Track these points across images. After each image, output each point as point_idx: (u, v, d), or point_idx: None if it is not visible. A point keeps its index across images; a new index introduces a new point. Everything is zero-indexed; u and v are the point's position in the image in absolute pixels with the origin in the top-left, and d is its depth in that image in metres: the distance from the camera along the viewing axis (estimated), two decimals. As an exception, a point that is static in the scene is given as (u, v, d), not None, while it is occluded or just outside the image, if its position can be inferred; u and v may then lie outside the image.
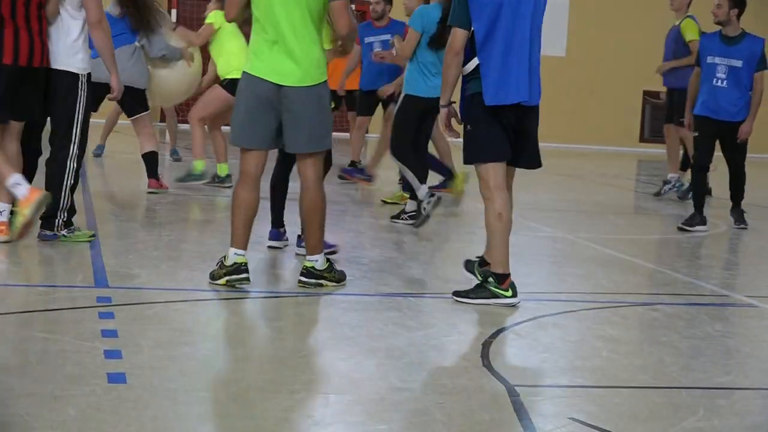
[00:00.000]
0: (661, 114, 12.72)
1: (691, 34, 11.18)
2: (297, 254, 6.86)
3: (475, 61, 5.79)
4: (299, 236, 6.74)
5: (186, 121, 10.97)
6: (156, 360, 4.33)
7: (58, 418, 3.57)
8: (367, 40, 11.14)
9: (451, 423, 3.86)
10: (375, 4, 11.31)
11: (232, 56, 9.79)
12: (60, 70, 6.67)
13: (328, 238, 6.27)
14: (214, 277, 5.78)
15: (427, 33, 8.43)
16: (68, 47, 6.68)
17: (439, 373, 4.48)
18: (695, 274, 7.27)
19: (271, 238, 7.08)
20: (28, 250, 6.59)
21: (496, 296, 5.75)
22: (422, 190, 8.38)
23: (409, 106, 8.55)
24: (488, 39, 5.71)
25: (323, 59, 5.81)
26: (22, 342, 4.53)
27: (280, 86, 5.68)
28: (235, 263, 5.70)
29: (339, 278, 5.98)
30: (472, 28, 5.72)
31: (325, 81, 5.82)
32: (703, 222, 9.33)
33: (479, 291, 5.80)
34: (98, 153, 12.65)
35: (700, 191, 9.51)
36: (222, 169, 10.28)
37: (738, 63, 9.21)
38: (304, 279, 5.84)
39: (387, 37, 10.86)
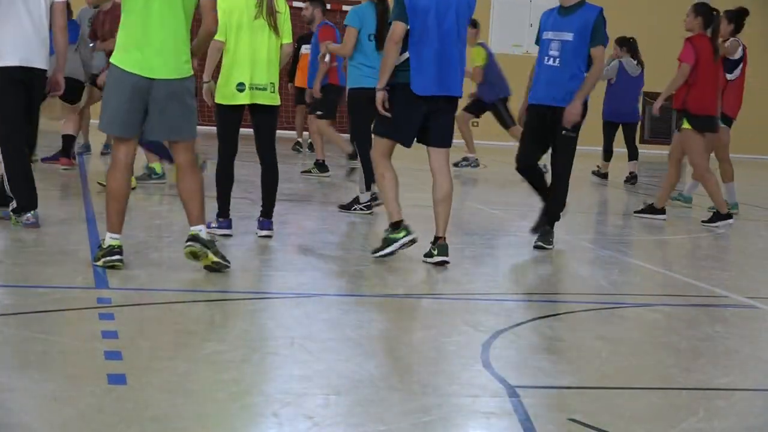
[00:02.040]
0: (661, 116, 12.71)
1: None
2: (258, 236, 7.42)
3: (406, 54, 6.71)
4: (259, 219, 7.55)
5: None
6: (156, 361, 4.33)
7: (58, 418, 3.57)
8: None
9: (450, 424, 3.87)
10: (305, 9, 12.44)
11: None
12: None
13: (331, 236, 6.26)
14: (95, 260, 6.15)
15: (366, 29, 8.95)
16: None
17: (439, 374, 4.48)
18: (695, 275, 7.28)
19: (263, 228, 7.54)
20: (28, 250, 6.60)
21: (396, 240, 6.86)
22: (364, 196, 9.16)
23: (357, 99, 9.01)
24: (420, 37, 6.65)
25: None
26: (22, 343, 4.53)
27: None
28: (110, 245, 6.10)
29: (219, 254, 6.17)
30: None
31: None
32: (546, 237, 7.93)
33: (385, 242, 6.90)
34: (81, 152, 12.67)
35: (544, 201, 8.10)
36: (158, 166, 10.62)
37: (569, 36, 7.69)
38: (190, 243, 6.10)
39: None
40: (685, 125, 9.86)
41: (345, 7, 20.87)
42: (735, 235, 9.62)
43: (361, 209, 9.19)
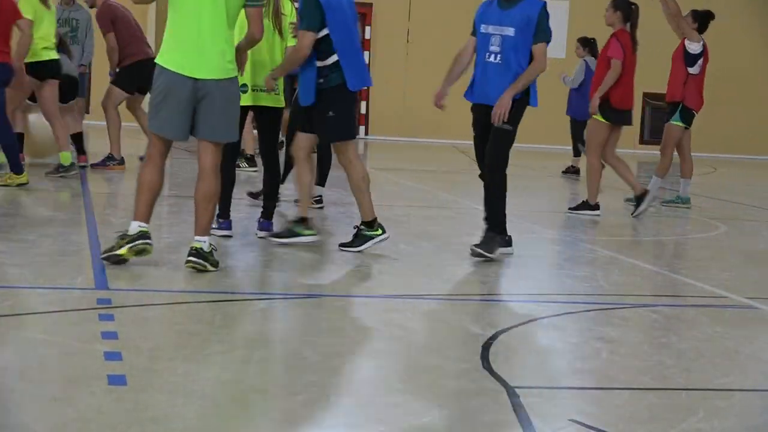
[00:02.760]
0: (661, 116, 12.75)
1: None
2: (259, 236, 7.45)
3: (334, 57, 7.02)
4: (259, 220, 7.62)
5: None
6: (156, 362, 4.33)
7: (58, 420, 3.57)
8: None
9: (451, 425, 3.87)
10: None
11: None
12: None
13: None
14: (112, 249, 6.15)
15: None
16: None
17: (439, 375, 4.48)
18: (695, 276, 7.27)
19: (262, 229, 7.60)
20: (28, 251, 6.60)
21: (372, 237, 7.15)
22: (315, 190, 9.32)
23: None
24: (344, 38, 7.01)
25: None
26: (22, 344, 4.53)
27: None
28: (139, 231, 6.16)
29: (215, 263, 6.24)
30: (327, 31, 6.96)
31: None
32: (507, 243, 7.39)
33: (360, 239, 7.13)
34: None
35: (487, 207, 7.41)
36: (65, 158, 10.66)
37: (510, 31, 7.15)
38: (192, 259, 6.14)
39: None
40: (597, 116, 10.14)
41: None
42: (735, 236, 9.62)
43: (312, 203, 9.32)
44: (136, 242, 6.12)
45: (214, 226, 7.36)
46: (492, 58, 7.18)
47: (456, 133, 21.39)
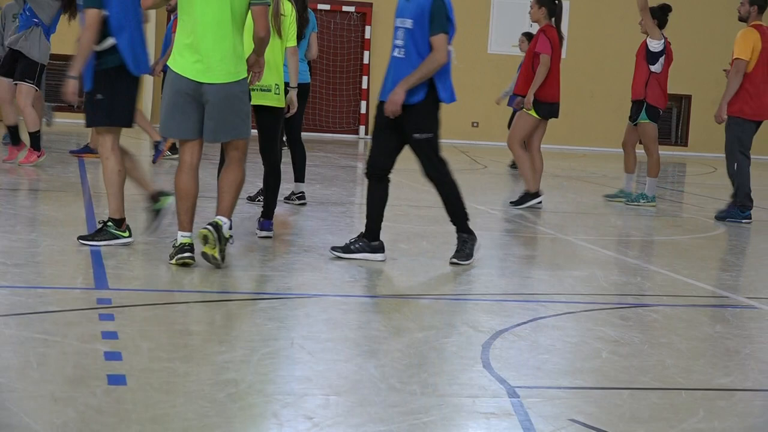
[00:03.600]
0: (661, 116, 12.78)
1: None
2: (258, 237, 7.50)
3: (111, 40, 6.69)
4: (259, 219, 7.71)
5: None
6: (156, 361, 4.33)
7: (58, 419, 3.57)
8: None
9: (450, 424, 3.87)
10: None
11: None
12: None
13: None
14: (170, 257, 6.38)
15: None
16: None
17: (439, 375, 4.48)
18: (695, 276, 7.27)
19: (263, 228, 7.67)
20: (28, 251, 6.60)
21: (117, 237, 6.86)
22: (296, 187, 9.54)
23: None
24: (121, 22, 6.65)
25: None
26: (22, 343, 4.53)
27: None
28: (182, 243, 6.29)
29: (222, 251, 6.30)
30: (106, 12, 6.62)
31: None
32: (375, 250, 6.98)
33: (102, 234, 6.84)
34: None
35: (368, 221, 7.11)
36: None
37: (409, 23, 6.85)
38: (209, 227, 6.23)
39: None
40: (531, 112, 10.33)
41: (345, 8, 20.89)
42: (735, 235, 9.62)
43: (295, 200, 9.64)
44: (178, 255, 6.28)
45: None
46: (396, 52, 6.90)
47: (456, 133, 21.41)
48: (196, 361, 4.43)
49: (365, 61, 20.89)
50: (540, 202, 10.37)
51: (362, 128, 21.00)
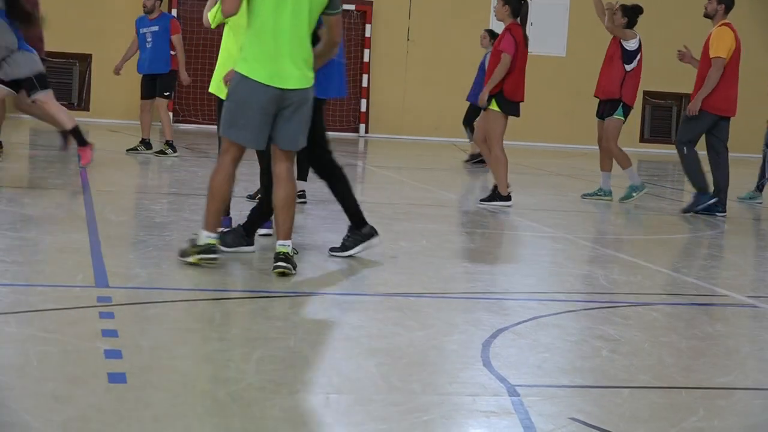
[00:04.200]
0: (661, 114, 12.80)
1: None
2: (259, 235, 7.26)
3: None
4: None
5: (186, 121, 11.30)
6: (156, 360, 4.33)
7: (58, 418, 3.57)
8: (142, 30, 13.22)
9: (451, 423, 3.87)
10: (146, 0, 13.27)
11: None
12: None
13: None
14: (184, 254, 6.22)
15: None
16: None
17: (439, 373, 4.48)
18: (695, 274, 7.27)
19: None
20: (28, 249, 6.60)
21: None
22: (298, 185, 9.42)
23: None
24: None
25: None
26: (22, 342, 4.53)
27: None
28: (207, 243, 6.16)
29: (295, 266, 6.21)
30: None
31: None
32: (369, 236, 6.98)
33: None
34: None
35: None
36: None
37: None
38: (281, 264, 6.08)
39: (156, 28, 13.07)
40: (494, 107, 10.33)
41: (345, 6, 20.91)
42: (735, 234, 9.62)
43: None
44: (204, 255, 6.15)
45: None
46: None
47: (456, 132, 21.41)
48: (196, 360, 4.43)
49: (365, 59, 20.88)
50: (510, 206, 10.23)
51: (362, 126, 20.99)
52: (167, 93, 13.43)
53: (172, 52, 13.17)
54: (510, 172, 10.38)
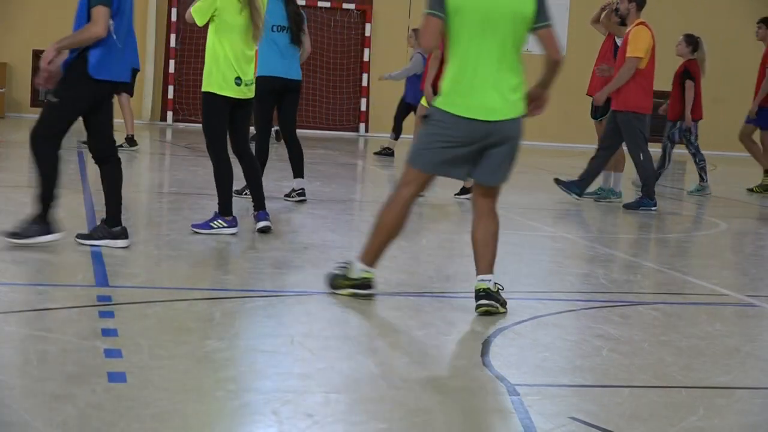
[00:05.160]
0: (660, 114, 12.81)
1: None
2: (258, 229, 7.47)
3: None
4: (254, 213, 7.69)
5: (186, 120, 11.32)
6: (156, 359, 4.33)
7: (58, 417, 3.57)
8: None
9: (451, 422, 3.87)
10: None
11: None
12: None
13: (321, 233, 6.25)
14: (335, 286, 5.68)
15: (270, 20, 9.02)
16: None
17: (440, 373, 4.48)
18: (695, 274, 7.27)
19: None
20: (28, 248, 6.59)
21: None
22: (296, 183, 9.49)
23: (264, 86, 9.05)
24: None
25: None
26: (22, 341, 4.53)
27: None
28: (362, 277, 5.63)
29: (504, 303, 5.59)
30: None
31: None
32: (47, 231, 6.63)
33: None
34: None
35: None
36: None
37: None
38: (484, 302, 5.51)
39: None
40: (422, 102, 10.65)
41: (345, 5, 20.90)
42: (735, 233, 9.62)
43: (295, 197, 9.60)
44: (359, 291, 5.65)
45: (223, 225, 7.36)
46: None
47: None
48: (196, 359, 4.43)
49: (365, 58, 20.88)
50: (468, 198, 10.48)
51: (362, 125, 20.99)
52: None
53: None
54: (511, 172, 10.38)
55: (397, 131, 15.76)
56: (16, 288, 5.58)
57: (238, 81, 7.48)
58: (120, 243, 6.71)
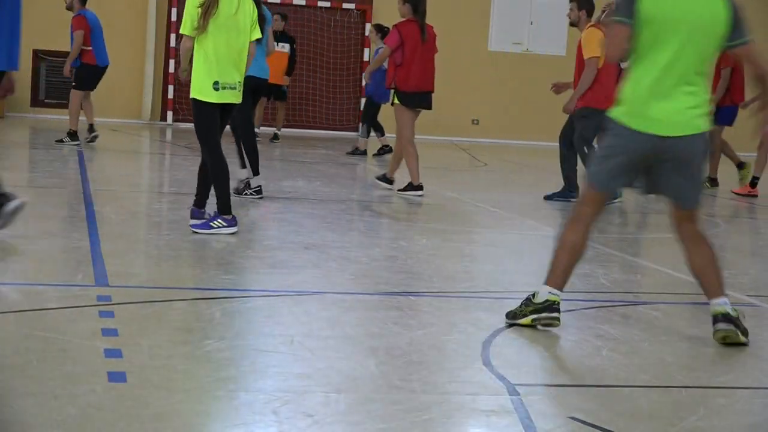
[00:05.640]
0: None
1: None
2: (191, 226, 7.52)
3: None
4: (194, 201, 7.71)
5: (187, 120, 11.40)
6: (156, 359, 4.33)
7: (58, 416, 3.57)
8: None
9: (451, 422, 3.87)
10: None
11: None
12: None
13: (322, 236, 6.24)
14: (515, 316, 5.34)
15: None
16: None
17: (439, 372, 4.48)
18: (695, 274, 7.26)
19: (193, 217, 7.62)
20: (28, 248, 6.59)
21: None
22: (244, 173, 9.56)
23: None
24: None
25: None
26: (22, 341, 4.53)
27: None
28: (547, 300, 5.30)
29: (745, 332, 5.24)
30: None
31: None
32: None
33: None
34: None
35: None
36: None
37: None
38: (722, 326, 5.19)
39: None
40: (396, 101, 10.83)
41: (345, 5, 20.90)
42: (735, 233, 9.62)
43: (251, 194, 9.56)
44: (542, 315, 5.27)
45: (223, 225, 7.36)
46: None
47: (456, 130, 21.39)
48: (196, 359, 4.43)
49: (365, 58, 20.87)
50: (420, 195, 10.72)
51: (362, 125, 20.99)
52: (74, 84, 14.03)
53: (87, 47, 13.78)
54: (511, 171, 10.38)
55: (377, 129, 15.91)
56: (17, 288, 5.58)
57: (216, 86, 7.45)
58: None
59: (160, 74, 19.92)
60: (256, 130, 17.27)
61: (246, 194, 9.47)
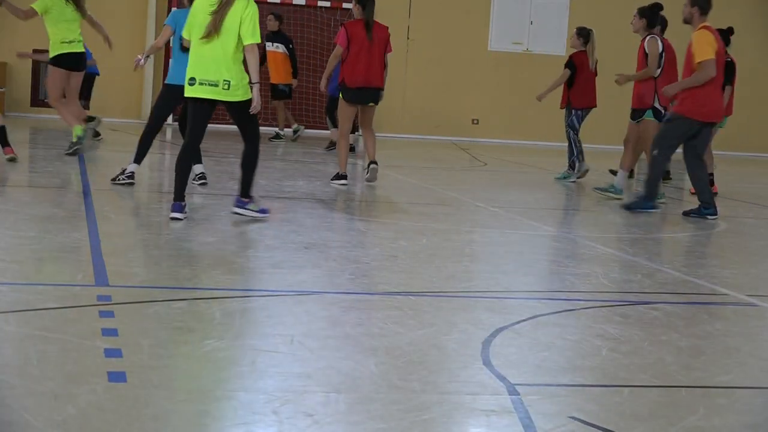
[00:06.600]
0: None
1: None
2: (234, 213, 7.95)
3: None
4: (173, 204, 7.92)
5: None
6: (156, 359, 4.33)
7: (58, 416, 3.57)
8: None
9: (451, 422, 3.86)
10: None
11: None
12: None
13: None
14: None
15: (179, 31, 9.31)
16: None
17: (439, 372, 4.48)
18: (695, 273, 7.27)
19: (174, 211, 7.92)
20: (28, 248, 6.59)
21: None
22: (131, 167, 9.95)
23: (167, 93, 9.86)
24: None
25: None
26: (22, 341, 4.53)
27: None
28: None
29: None
30: None
31: None
32: None
33: None
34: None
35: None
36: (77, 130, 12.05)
37: None
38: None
39: None
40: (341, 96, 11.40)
41: (345, 5, 20.91)
42: (735, 233, 9.61)
43: (124, 179, 9.82)
44: None
45: (255, 210, 7.86)
46: None
47: (456, 130, 21.39)
48: (196, 359, 4.43)
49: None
50: (344, 184, 11.23)
51: (362, 125, 21.00)
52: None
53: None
54: (512, 171, 10.38)
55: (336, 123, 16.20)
56: (17, 287, 5.58)
57: (192, 81, 7.89)
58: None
59: (161, 74, 19.92)
60: (279, 131, 17.73)
61: (120, 180, 9.82)
